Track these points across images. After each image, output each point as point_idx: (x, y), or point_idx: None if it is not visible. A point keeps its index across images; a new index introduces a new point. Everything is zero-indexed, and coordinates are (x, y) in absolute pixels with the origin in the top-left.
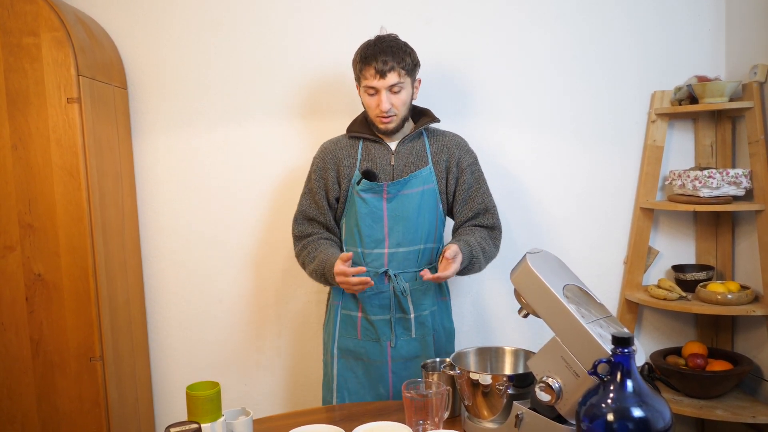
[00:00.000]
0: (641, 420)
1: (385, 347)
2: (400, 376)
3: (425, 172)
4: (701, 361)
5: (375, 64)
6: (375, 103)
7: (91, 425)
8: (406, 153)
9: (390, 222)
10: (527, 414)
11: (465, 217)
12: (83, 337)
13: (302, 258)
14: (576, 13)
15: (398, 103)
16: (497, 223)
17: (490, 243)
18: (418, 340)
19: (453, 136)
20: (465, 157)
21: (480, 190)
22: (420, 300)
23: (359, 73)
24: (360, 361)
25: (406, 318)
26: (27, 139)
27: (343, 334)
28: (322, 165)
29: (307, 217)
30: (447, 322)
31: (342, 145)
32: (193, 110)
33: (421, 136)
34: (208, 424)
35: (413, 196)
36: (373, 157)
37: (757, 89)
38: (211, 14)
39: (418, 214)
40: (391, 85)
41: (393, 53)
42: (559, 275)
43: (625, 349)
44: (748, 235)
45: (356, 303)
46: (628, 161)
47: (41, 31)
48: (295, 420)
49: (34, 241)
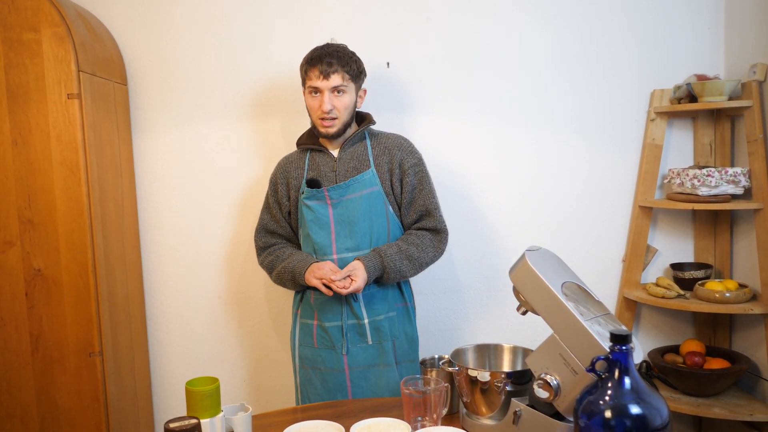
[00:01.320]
0: (639, 417)
1: (340, 355)
2: (359, 386)
3: (367, 175)
4: (699, 359)
5: (320, 65)
6: (317, 104)
7: (91, 420)
8: (347, 158)
9: (336, 227)
10: (525, 411)
11: (410, 219)
12: (83, 333)
13: (269, 262)
14: (575, 12)
15: (340, 106)
16: (440, 226)
17: (428, 247)
18: (375, 347)
19: (396, 137)
20: (407, 158)
21: (423, 191)
22: (374, 305)
23: (304, 75)
24: (318, 370)
25: (359, 324)
26: (27, 135)
27: (302, 343)
28: (274, 180)
29: (268, 230)
30: (409, 328)
31: (292, 159)
32: (194, 106)
33: (364, 140)
34: (208, 419)
35: (357, 200)
36: (317, 166)
37: (756, 88)
38: (212, 10)
39: (365, 218)
40: (334, 87)
41: (338, 57)
42: (557, 273)
43: (623, 346)
44: (746, 233)
45: (312, 311)
46: (627, 159)
47: (42, 27)
48: (294, 416)
49: (33, 236)
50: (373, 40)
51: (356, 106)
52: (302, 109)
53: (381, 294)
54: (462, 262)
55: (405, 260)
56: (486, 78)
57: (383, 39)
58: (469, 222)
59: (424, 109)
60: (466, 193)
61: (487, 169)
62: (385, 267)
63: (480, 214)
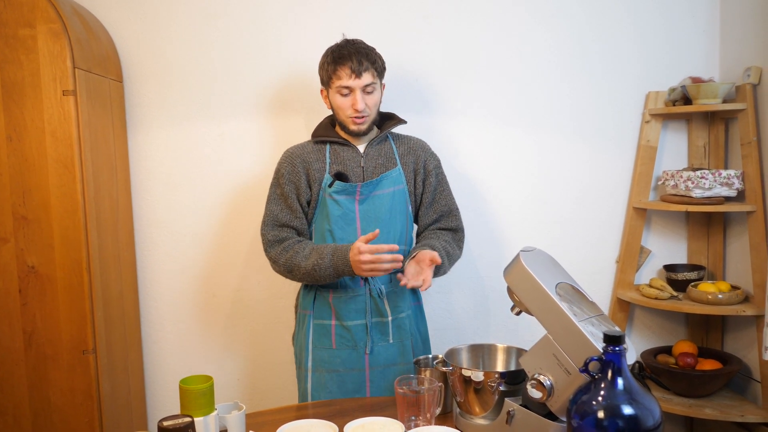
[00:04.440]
0: (631, 417)
1: (362, 354)
2: (379, 385)
3: (395, 173)
4: (691, 360)
5: (351, 63)
6: (349, 103)
7: (84, 418)
8: (374, 155)
9: (363, 224)
10: (519, 411)
11: (429, 219)
12: (76, 330)
13: (286, 258)
14: (570, 15)
15: (371, 103)
16: (460, 225)
17: (454, 246)
18: (396, 345)
19: (417, 139)
20: (430, 159)
21: (444, 192)
22: (397, 303)
23: (331, 74)
24: (335, 372)
25: (383, 321)
26: (22, 131)
27: (317, 345)
28: (291, 169)
29: (280, 222)
30: (422, 327)
31: (309, 150)
32: (189, 103)
33: (387, 140)
34: (201, 417)
35: (385, 197)
36: (343, 160)
37: (750, 91)
38: (208, 7)
39: (390, 216)
40: (365, 85)
41: (366, 54)
42: (552, 273)
43: (616, 347)
44: (739, 235)
45: (330, 310)
46: (621, 161)
47: (37, 23)
48: (287, 415)
49: (27, 233)
50: (372, 39)
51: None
52: (299, 106)
53: (400, 291)
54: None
55: (446, 257)
56: (482, 79)
57: (382, 38)
58: (465, 222)
59: (422, 109)
60: (461, 193)
61: (482, 169)
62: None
63: (475, 214)
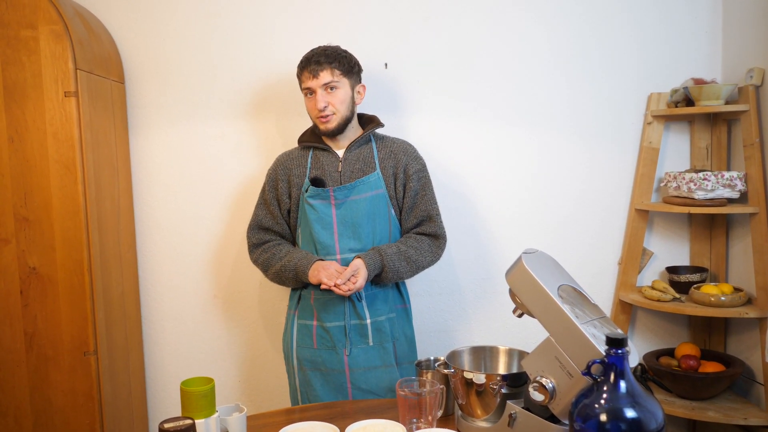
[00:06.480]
0: (634, 420)
1: (341, 356)
2: (360, 388)
3: (373, 177)
4: (694, 362)
5: (308, 66)
6: (312, 104)
7: (85, 419)
8: (353, 159)
9: (339, 228)
10: (520, 413)
11: (410, 224)
12: (77, 331)
13: (264, 259)
14: (573, 15)
15: (335, 101)
16: (440, 232)
17: (425, 251)
18: (376, 348)
19: (401, 142)
20: (412, 163)
21: (425, 197)
22: (376, 305)
23: (299, 80)
24: (319, 371)
25: (362, 324)
26: (23, 132)
27: (301, 344)
28: (273, 176)
29: (263, 227)
30: (408, 330)
31: (293, 156)
32: (191, 105)
33: (369, 143)
34: (202, 419)
35: (362, 202)
36: (321, 165)
37: (752, 92)
38: (209, 8)
39: (368, 220)
40: (324, 84)
41: (326, 55)
42: (554, 275)
43: (619, 350)
44: (741, 237)
45: (311, 311)
46: (623, 162)
47: (39, 24)
48: (289, 417)
49: (29, 234)
50: (371, 39)
51: (355, 102)
52: (300, 107)
53: (382, 294)
54: (458, 263)
55: (403, 261)
56: (483, 79)
57: (381, 39)
58: (466, 223)
59: (421, 109)
60: (462, 194)
61: (484, 170)
62: (384, 266)
63: (476, 216)
